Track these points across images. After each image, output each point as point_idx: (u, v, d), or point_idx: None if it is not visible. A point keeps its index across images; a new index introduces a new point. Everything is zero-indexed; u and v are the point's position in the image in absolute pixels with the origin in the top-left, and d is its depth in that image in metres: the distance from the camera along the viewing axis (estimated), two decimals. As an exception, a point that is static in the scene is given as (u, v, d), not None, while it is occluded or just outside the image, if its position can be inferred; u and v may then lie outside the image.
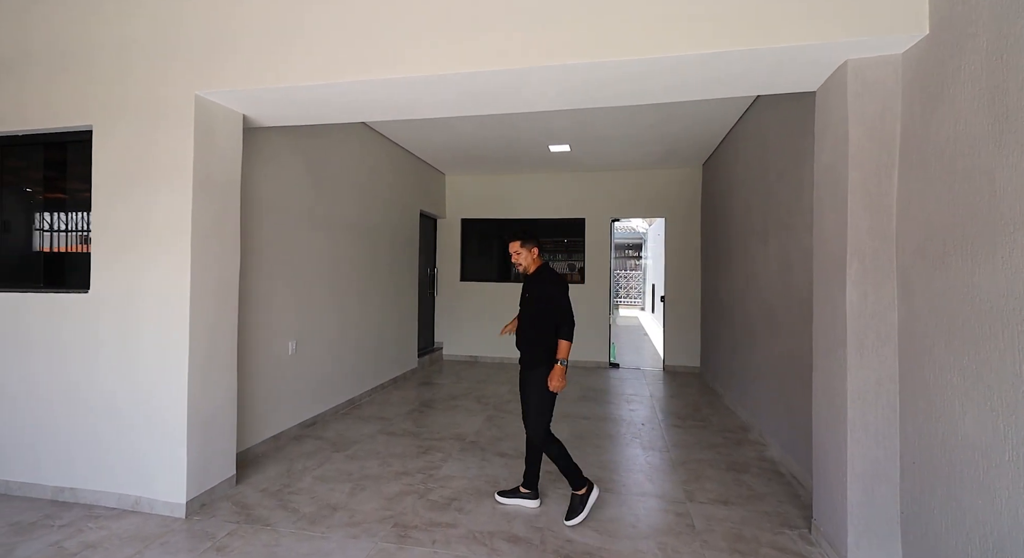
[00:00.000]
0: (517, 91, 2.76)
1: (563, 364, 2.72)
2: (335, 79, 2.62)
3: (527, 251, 2.86)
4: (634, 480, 3.34)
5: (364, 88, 2.71)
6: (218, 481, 2.97)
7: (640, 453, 3.84)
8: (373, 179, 5.45)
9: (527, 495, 2.93)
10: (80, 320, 2.89)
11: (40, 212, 3.28)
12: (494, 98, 2.87)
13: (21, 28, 3.01)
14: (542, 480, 3.11)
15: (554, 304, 2.75)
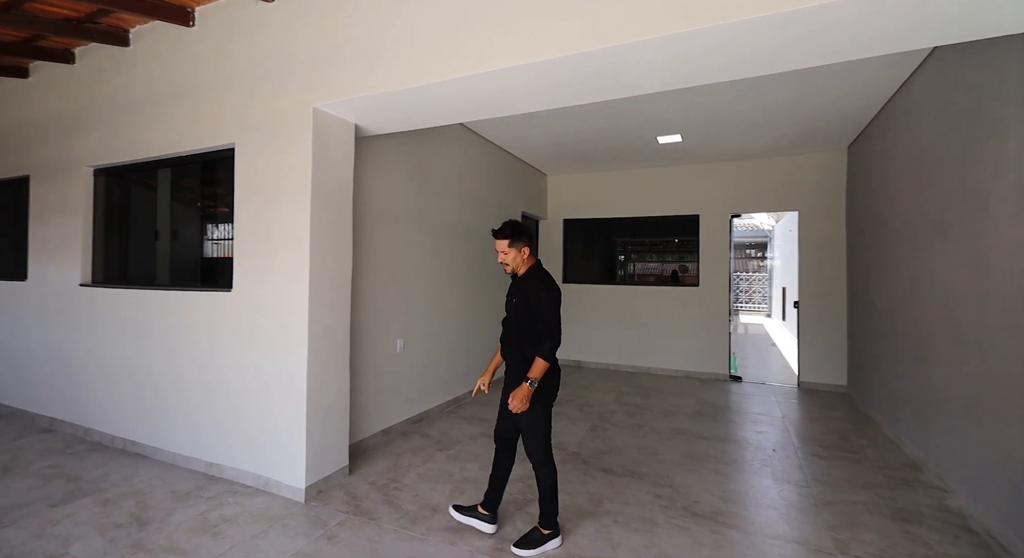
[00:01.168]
0: (615, 75, 2.51)
1: (531, 384, 2.31)
2: (431, 79, 2.63)
3: (516, 251, 2.47)
4: (765, 518, 2.84)
5: (460, 85, 2.68)
6: (333, 470, 3.15)
7: (771, 485, 3.28)
8: (475, 182, 5.52)
9: (484, 517, 2.60)
10: (225, 316, 3.28)
11: (199, 222, 3.81)
12: (590, 84, 2.66)
13: (171, 68, 3.52)
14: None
15: (542, 314, 2.36)
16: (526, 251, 2.50)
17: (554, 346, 2.34)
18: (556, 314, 2.37)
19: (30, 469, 3.32)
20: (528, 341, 2.41)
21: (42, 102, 4.33)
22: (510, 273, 2.57)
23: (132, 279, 4.01)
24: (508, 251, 2.47)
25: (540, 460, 2.47)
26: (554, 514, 2.51)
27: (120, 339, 3.75)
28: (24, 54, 3.87)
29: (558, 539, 2.50)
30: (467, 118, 3.36)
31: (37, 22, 3.30)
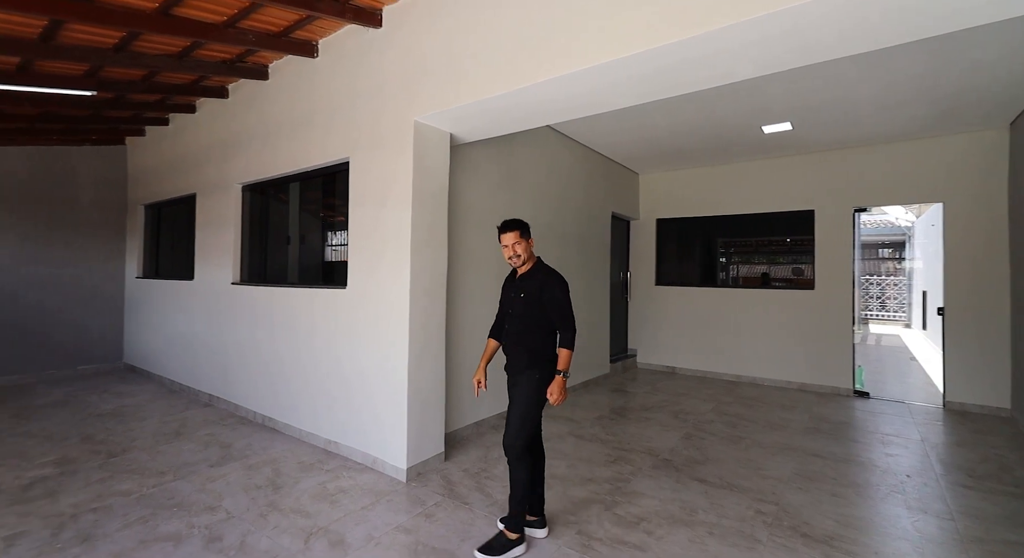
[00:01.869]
0: (711, 62, 2.39)
1: (565, 376, 2.39)
2: (518, 84, 2.74)
3: (526, 243, 2.52)
4: (894, 550, 2.49)
5: (547, 87, 2.75)
6: (430, 455, 3.39)
7: (903, 514, 2.86)
8: (562, 184, 5.56)
9: (533, 523, 2.54)
10: (340, 310, 3.69)
11: (321, 229, 4.34)
12: (681, 75, 2.56)
13: (300, 96, 4.04)
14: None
15: (559, 307, 2.41)
16: (532, 244, 2.57)
17: (574, 334, 2.41)
18: (570, 306, 2.43)
19: (194, 436, 4.02)
20: (536, 334, 2.46)
21: (205, 132, 5.24)
22: (520, 265, 2.57)
23: (269, 278, 4.68)
24: (520, 242, 2.51)
25: (518, 455, 2.41)
26: (522, 520, 2.41)
27: (258, 329, 4.40)
28: (192, 93, 4.72)
29: (522, 546, 2.38)
30: (555, 119, 3.42)
31: (203, 65, 4.01)
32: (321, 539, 2.51)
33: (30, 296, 5.79)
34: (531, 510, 2.54)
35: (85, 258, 6.24)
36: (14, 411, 4.60)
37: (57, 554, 2.34)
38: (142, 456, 3.55)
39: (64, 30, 3.20)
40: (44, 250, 5.90)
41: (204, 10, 3.19)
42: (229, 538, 2.50)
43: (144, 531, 2.56)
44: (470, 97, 2.97)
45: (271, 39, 3.65)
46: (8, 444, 3.75)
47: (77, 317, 6.16)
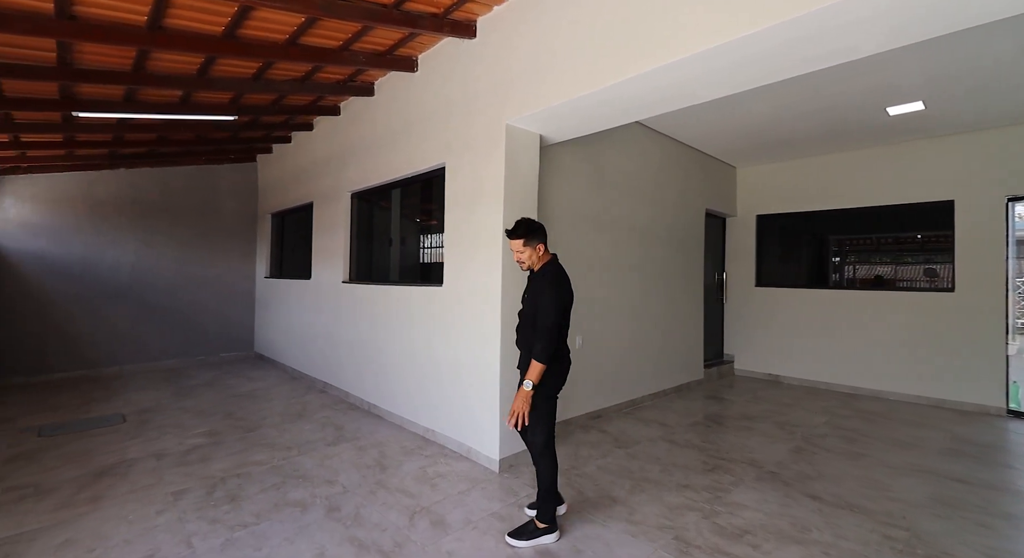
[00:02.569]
0: (832, 37, 2.19)
1: (530, 387, 2.28)
2: (608, 81, 2.72)
3: (531, 248, 2.47)
4: (1069, 596, 2.09)
5: (642, 82, 2.70)
6: (521, 449, 3.47)
7: (1083, 557, 2.39)
8: (653, 181, 5.39)
9: (546, 530, 2.46)
10: (436, 306, 3.93)
11: (419, 232, 4.64)
12: (793, 55, 2.37)
13: (401, 108, 4.35)
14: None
15: (541, 313, 2.31)
16: (541, 248, 2.50)
17: (546, 348, 2.26)
18: (554, 316, 2.29)
19: (313, 417, 4.51)
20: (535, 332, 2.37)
21: (321, 146, 5.85)
22: (526, 270, 2.57)
23: (374, 277, 5.11)
24: (523, 250, 2.47)
25: (540, 451, 2.44)
26: (552, 511, 2.45)
27: (364, 324, 4.81)
28: (310, 112, 5.31)
29: (555, 535, 2.43)
30: (647, 114, 3.34)
31: (320, 87, 4.50)
32: (424, 518, 2.69)
33: (186, 292, 6.87)
34: (543, 516, 2.49)
35: (226, 260, 7.27)
36: (175, 390, 5.49)
37: (212, 510, 2.76)
38: (271, 432, 4.05)
39: (216, 65, 3.78)
40: (196, 252, 6.97)
41: (324, 37, 3.59)
42: (345, 509, 2.78)
43: (276, 496, 2.92)
44: (560, 97, 3.01)
45: (378, 58, 3.99)
46: (172, 416, 4.48)
47: (220, 311, 7.19)
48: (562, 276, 2.46)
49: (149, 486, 3.03)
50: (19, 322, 5.63)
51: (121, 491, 2.96)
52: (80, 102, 3.93)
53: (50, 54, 3.12)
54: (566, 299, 2.40)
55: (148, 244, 6.57)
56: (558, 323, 2.31)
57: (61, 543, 2.39)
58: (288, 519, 2.66)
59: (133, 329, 6.42)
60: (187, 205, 6.90)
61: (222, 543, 2.42)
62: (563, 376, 2.48)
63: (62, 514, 2.67)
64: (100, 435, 3.93)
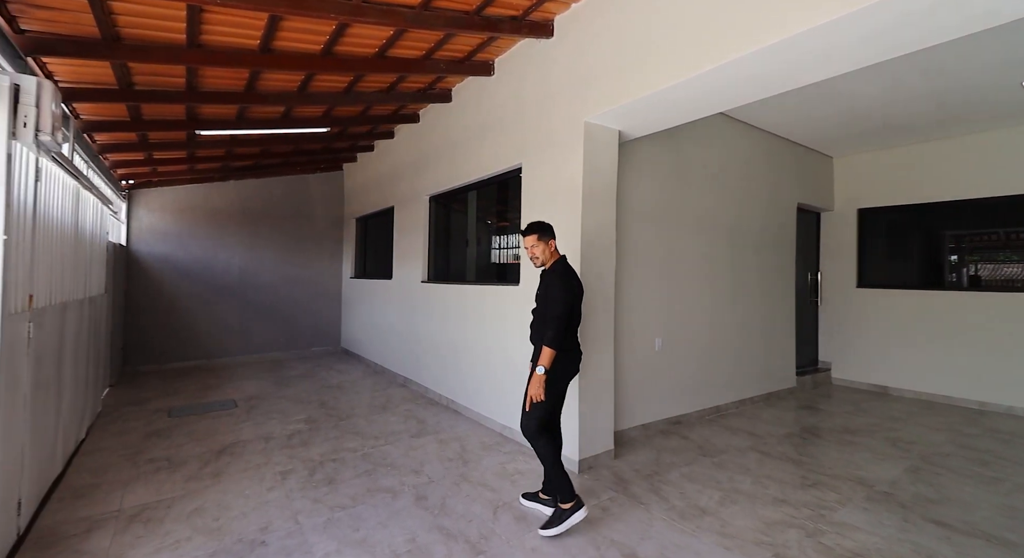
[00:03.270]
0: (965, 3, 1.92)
1: (542, 372, 2.44)
2: (694, 72, 2.61)
3: (544, 244, 2.65)
4: None
5: (731, 70, 2.55)
6: (600, 450, 3.41)
7: None
8: (738, 175, 5.07)
9: (546, 501, 2.71)
10: (512, 306, 3.97)
11: (494, 233, 4.72)
12: (918, 27, 2.11)
13: (477, 112, 4.44)
14: None
15: (549, 304, 2.51)
16: (552, 244, 2.67)
17: (556, 335, 2.44)
18: (561, 306, 2.47)
19: (397, 410, 4.74)
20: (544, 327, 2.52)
21: (401, 153, 6.16)
22: (539, 267, 2.72)
23: (451, 277, 5.28)
24: (537, 244, 2.64)
25: (533, 434, 2.55)
26: (567, 487, 2.51)
27: (442, 322, 4.98)
28: (392, 121, 5.60)
29: (583, 511, 2.49)
30: (737, 104, 3.15)
31: (403, 96, 4.74)
32: (506, 512, 2.73)
33: (283, 291, 7.53)
34: (545, 490, 2.73)
35: (317, 261, 7.88)
36: (275, 379, 6.02)
37: (313, 490, 2.99)
38: (360, 422, 4.32)
39: (314, 81, 4.11)
40: (292, 254, 7.62)
41: (408, 48, 3.77)
42: (432, 499, 2.89)
43: (369, 482, 3.11)
44: (643, 91, 2.93)
45: (457, 64, 4.13)
46: (275, 404, 4.92)
47: (311, 308, 7.80)
48: (569, 272, 2.64)
49: (260, 465, 3.35)
50: (150, 317, 6.48)
51: (237, 468, 3.29)
52: (201, 121, 4.45)
53: (180, 80, 3.57)
54: (573, 291, 2.56)
55: (252, 247, 7.28)
56: (566, 313, 2.49)
57: (192, 511, 2.71)
58: (381, 504, 2.81)
59: (240, 324, 7.14)
60: (284, 212, 7.56)
61: (324, 522, 2.61)
62: (571, 365, 2.63)
63: (191, 485, 3.03)
64: (217, 417, 4.41)
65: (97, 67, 3.14)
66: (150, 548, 2.36)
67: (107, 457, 3.46)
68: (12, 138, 1.91)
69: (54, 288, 2.98)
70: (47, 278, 2.81)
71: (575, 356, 2.64)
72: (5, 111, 1.86)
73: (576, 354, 2.65)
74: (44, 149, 2.07)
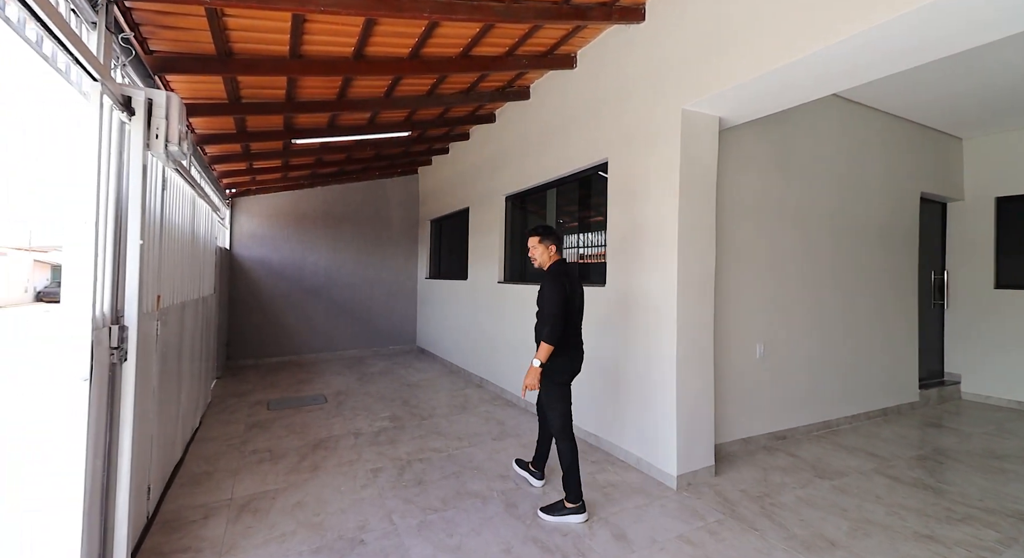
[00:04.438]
0: None
1: (537, 365, 2.62)
2: (814, 47, 2.29)
3: (544, 247, 2.80)
4: None
5: (863, 40, 2.20)
6: (700, 466, 3.14)
7: None
8: (853, 160, 4.52)
9: (535, 473, 3.02)
10: (599, 307, 3.78)
11: (576, 231, 4.56)
12: None
13: (558, 107, 4.29)
14: None
15: (542, 303, 2.70)
16: (552, 248, 2.81)
17: (552, 331, 2.57)
18: (556, 305, 2.59)
19: (475, 411, 4.73)
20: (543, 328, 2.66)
21: (475, 154, 6.17)
22: (537, 267, 2.86)
23: (528, 278, 5.19)
24: (538, 247, 2.82)
25: (558, 433, 2.73)
26: (576, 490, 2.63)
27: (519, 323, 4.90)
28: (468, 122, 5.61)
29: (583, 515, 2.62)
30: (852, 84, 2.75)
31: (482, 96, 4.71)
32: (602, 528, 2.57)
33: (364, 290, 7.86)
34: (535, 463, 2.98)
35: (394, 262, 8.15)
36: (358, 376, 6.27)
37: (404, 489, 3.00)
38: (442, 422, 4.34)
39: (399, 85, 4.18)
40: (371, 256, 7.94)
41: (492, 45, 3.71)
42: (523, 507, 2.79)
43: (457, 484, 3.07)
44: (747, 74, 2.65)
45: (539, 59, 4.02)
46: (360, 400, 5.10)
47: (389, 308, 8.08)
48: (562, 272, 2.74)
49: (352, 461, 3.44)
50: (250, 315, 7.01)
51: (332, 463, 3.40)
52: (296, 131, 4.70)
53: (280, 92, 3.77)
54: (566, 290, 2.65)
55: (335, 250, 7.66)
56: (561, 311, 2.61)
57: (294, 504, 2.81)
58: (471, 509, 2.76)
59: (326, 322, 7.54)
60: (364, 216, 7.89)
61: (418, 524, 2.59)
62: (573, 363, 2.76)
63: (292, 478, 3.16)
64: (310, 411, 4.64)
65: (211, 83, 3.39)
66: (260, 539, 2.46)
67: (217, 446, 3.72)
68: (147, 149, 2.06)
69: (176, 289, 3.23)
70: (171, 280, 3.06)
71: (575, 355, 2.77)
72: (142, 124, 2.00)
73: (576, 352, 2.78)
74: (172, 159, 2.22)
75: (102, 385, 1.85)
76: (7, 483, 3.06)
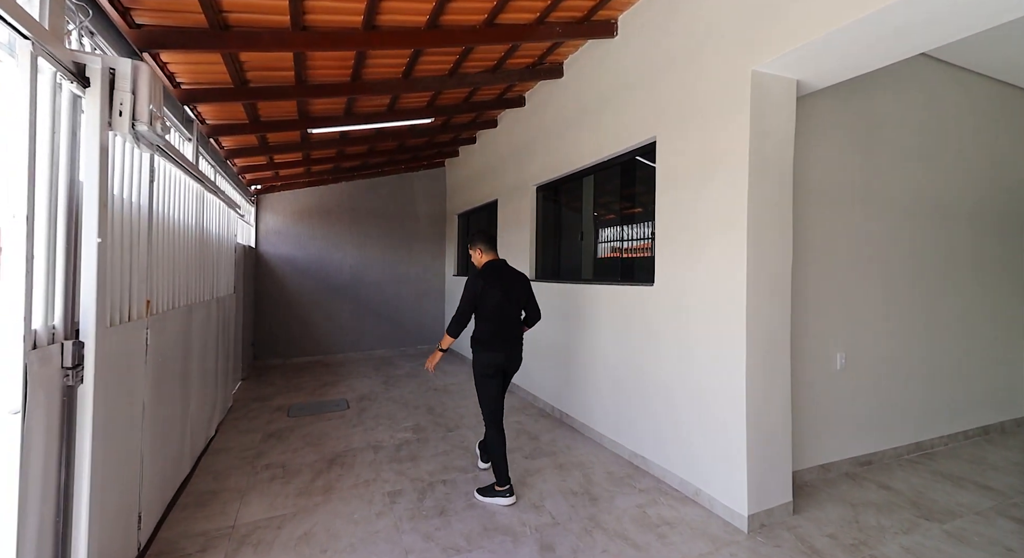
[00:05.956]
0: None
1: (439, 350, 2.94)
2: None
3: (475, 253, 3.08)
4: None
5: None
6: (776, 503, 2.61)
7: None
8: (951, 135, 3.81)
9: (503, 492, 2.83)
10: (646, 310, 3.28)
11: (617, 223, 4.04)
12: None
13: (596, 83, 3.78)
14: None
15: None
16: (478, 251, 3.05)
17: (451, 324, 2.86)
18: (461, 301, 2.85)
19: (506, 421, 4.30)
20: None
21: (504, 142, 5.72)
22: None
23: (562, 275, 4.71)
24: (472, 253, 3.09)
25: (486, 421, 2.92)
26: (503, 476, 2.81)
27: (551, 325, 4.43)
28: (496, 107, 5.16)
29: (510, 499, 2.79)
30: (969, 32, 2.14)
31: (511, 75, 4.25)
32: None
33: (390, 289, 7.58)
34: (499, 482, 2.85)
35: (421, 259, 7.83)
36: (383, 378, 5.97)
37: (424, 521, 2.62)
38: (469, 435, 3.94)
39: (418, 63, 3.78)
40: (397, 253, 7.64)
41: (520, 9, 3.25)
42: (560, 549, 2.35)
43: (484, 517, 2.66)
44: (839, 20, 2.08)
45: (574, 27, 3.53)
46: (383, 406, 4.78)
47: (416, 306, 7.77)
48: (476, 275, 2.91)
49: (369, 481, 3.09)
50: (276, 314, 6.84)
51: (347, 483, 3.06)
52: (312, 119, 4.39)
53: (289, 73, 3.43)
54: (476, 289, 2.85)
55: (361, 247, 7.40)
56: (467, 308, 2.86)
57: (300, 536, 2.47)
58: (500, 550, 2.34)
59: (352, 321, 7.30)
60: (389, 211, 7.59)
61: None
62: (496, 357, 2.89)
63: (302, 501, 2.83)
64: (330, 419, 4.34)
65: (211, 63, 3.08)
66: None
67: (229, 459, 3.45)
68: (108, 128, 1.72)
69: (179, 291, 2.95)
70: (170, 282, 2.77)
71: (491, 348, 2.89)
72: (98, 98, 1.66)
73: (503, 346, 2.91)
74: (144, 142, 1.88)
75: (51, 415, 1.53)
76: None
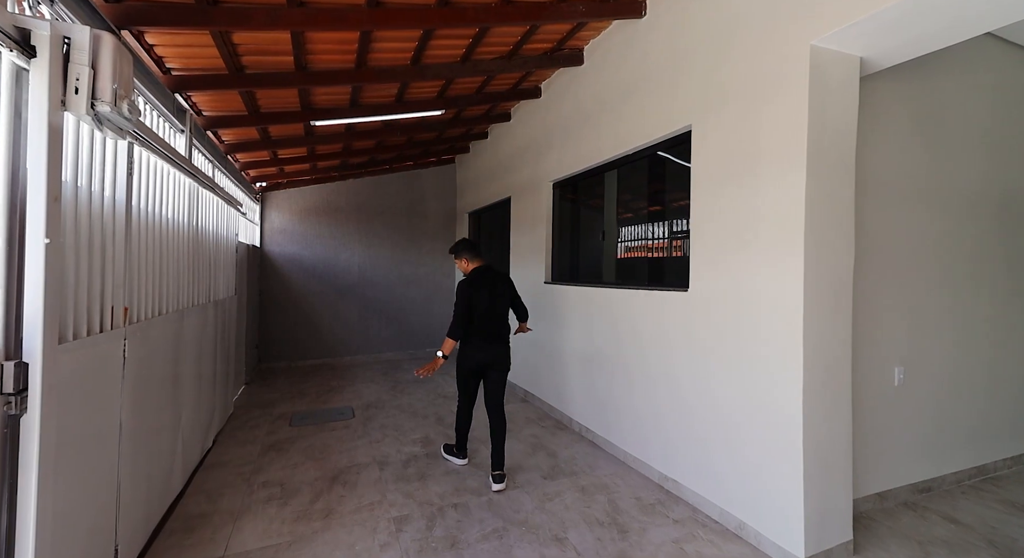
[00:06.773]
0: None
1: (439, 356, 3.02)
2: None
3: (461, 262, 3.32)
4: None
5: None
6: (835, 542, 2.28)
7: None
8: (1017, 124, 3.42)
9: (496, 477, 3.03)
10: (679, 318, 2.96)
11: (645, 221, 3.72)
12: None
13: (620, 70, 3.45)
14: None
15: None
16: (463, 260, 3.32)
17: (450, 329, 3.07)
18: (455, 306, 3.10)
19: (520, 435, 4.01)
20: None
21: (519, 136, 5.42)
22: None
23: (581, 278, 4.40)
24: (457, 263, 3.36)
25: (459, 400, 3.36)
26: (464, 446, 3.40)
27: (569, 331, 4.12)
28: (511, 97, 4.85)
29: (461, 461, 3.39)
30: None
31: (527, 62, 3.94)
32: (710, 645, 1.78)
33: (399, 290, 7.32)
34: (493, 465, 3.06)
35: (430, 259, 7.55)
36: (391, 384, 5.71)
37: (432, 555, 2.33)
38: (482, 450, 3.64)
39: (428, 48, 3.49)
40: (406, 253, 7.38)
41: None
42: (590, 596, 2.05)
43: (500, 549, 2.37)
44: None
45: (599, 4, 3.21)
46: (390, 415, 4.51)
47: (425, 308, 7.50)
48: (464, 281, 3.16)
49: (373, 504, 2.81)
50: (282, 315, 6.61)
51: (349, 506, 2.79)
52: (316, 111, 4.12)
53: (288, 58, 3.16)
54: (467, 293, 3.09)
55: (369, 246, 7.14)
56: (462, 312, 3.05)
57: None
58: (520, 596, 2.05)
59: (360, 324, 7.06)
60: (398, 209, 7.33)
61: (448, 620, 1.91)
62: (467, 358, 3.15)
63: (299, 528, 2.56)
64: (335, 430, 4.08)
65: (202, 46, 2.82)
66: (242, 633, 1.85)
67: (225, 475, 3.20)
68: (62, 108, 1.45)
69: (167, 296, 2.70)
70: (154, 286, 2.52)
71: (469, 351, 3.14)
72: (46, 71, 1.39)
73: (471, 350, 3.14)
74: (108, 125, 1.61)
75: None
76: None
